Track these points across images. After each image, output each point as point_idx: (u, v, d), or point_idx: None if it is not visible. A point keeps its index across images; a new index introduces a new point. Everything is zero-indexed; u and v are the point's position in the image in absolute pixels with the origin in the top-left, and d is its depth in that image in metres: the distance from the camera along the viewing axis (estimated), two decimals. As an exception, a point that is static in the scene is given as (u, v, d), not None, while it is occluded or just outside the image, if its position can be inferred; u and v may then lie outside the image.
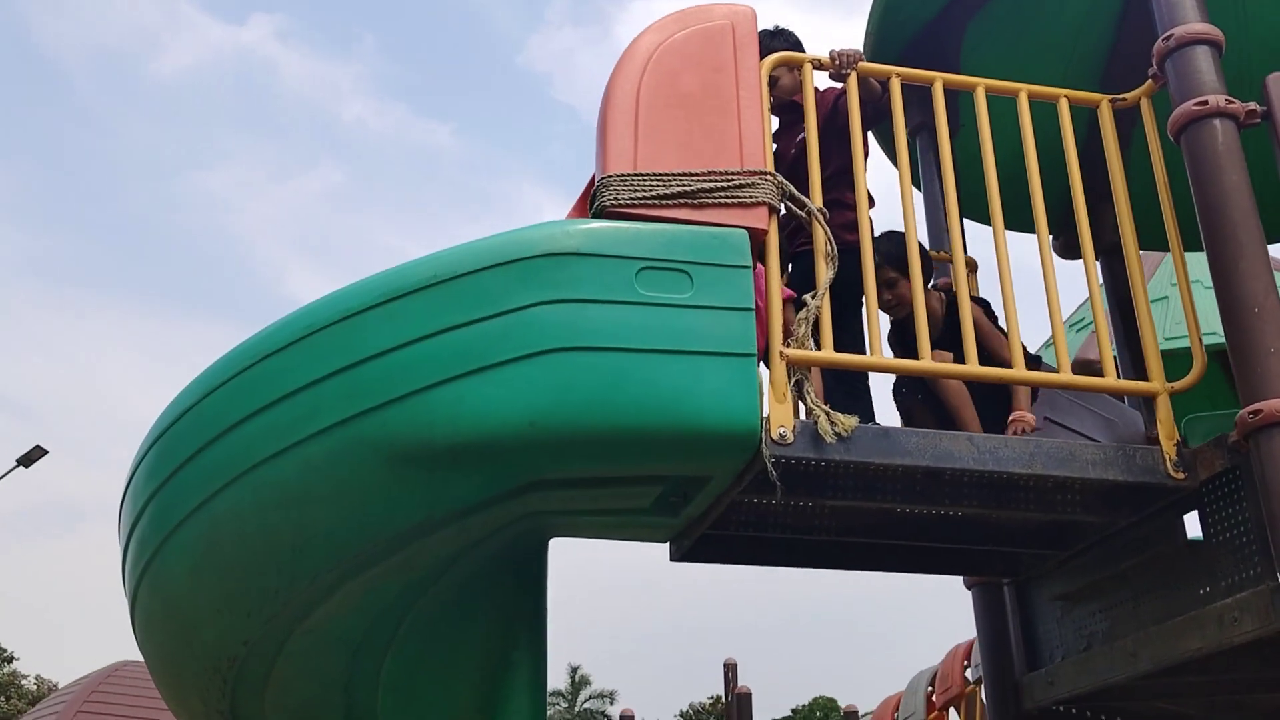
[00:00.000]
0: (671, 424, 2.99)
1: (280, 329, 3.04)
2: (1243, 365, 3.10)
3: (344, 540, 3.01)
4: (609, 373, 2.97)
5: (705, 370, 3.02)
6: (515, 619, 3.59)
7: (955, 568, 4.41)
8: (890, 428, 3.27)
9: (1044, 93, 3.76)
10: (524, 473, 3.05)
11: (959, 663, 10.09)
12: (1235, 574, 3.22)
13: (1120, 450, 3.34)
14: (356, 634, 3.30)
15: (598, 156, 3.29)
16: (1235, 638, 3.11)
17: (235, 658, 3.15)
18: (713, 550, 3.88)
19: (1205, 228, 3.28)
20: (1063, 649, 4.09)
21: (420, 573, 3.28)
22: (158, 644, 3.33)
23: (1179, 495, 3.39)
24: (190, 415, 3.09)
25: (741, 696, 13.87)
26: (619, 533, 3.84)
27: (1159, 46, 3.52)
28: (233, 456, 2.97)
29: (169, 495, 3.08)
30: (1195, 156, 3.34)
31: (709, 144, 3.28)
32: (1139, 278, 3.59)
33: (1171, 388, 3.41)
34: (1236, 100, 3.35)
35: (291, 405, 2.93)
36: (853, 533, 3.88)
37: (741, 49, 3.42)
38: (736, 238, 3.19)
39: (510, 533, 3.39)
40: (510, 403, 2.91)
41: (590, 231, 3.10)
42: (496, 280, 2.98)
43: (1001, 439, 3.30)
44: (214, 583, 3.08)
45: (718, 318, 3.08)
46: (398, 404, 2.88)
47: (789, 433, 3.09)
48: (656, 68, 3.33)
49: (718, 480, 3.27)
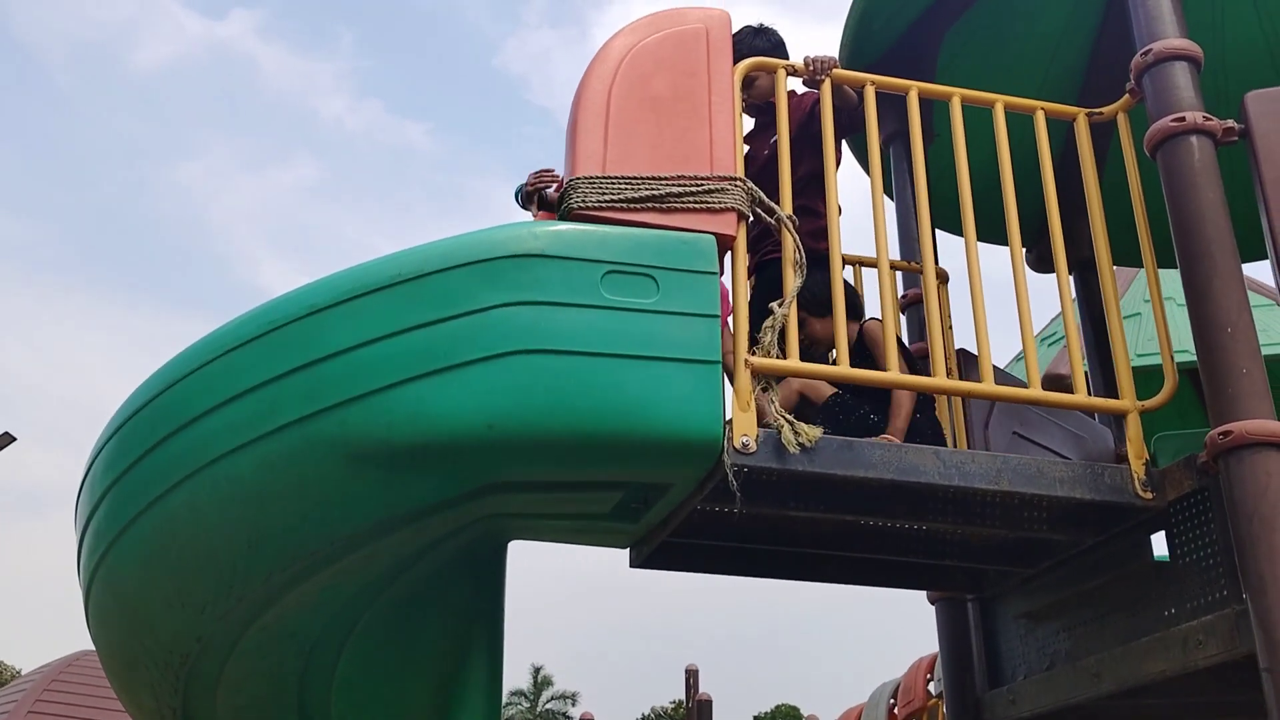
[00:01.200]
0: (633, 430, 2.95)
1: (243, 324, 2.99)
2: (1214, 385, 3.08)
3: (301, 538, 2.96)
4: (571, 377, 2.93)
5: (668, 376, 2.99)
6: (472, 621, 3.54)
7: (919, 582, 4.38)
8: (854, 440, 3.23)
9: (1020, 104, 3.74)
10: (482, 475, 3.01)
11: (922, 676, 10.07)
12: (1201, 596, 3.20)
13: (1088, 469, 3.31)
14: (311, 633, 3.25)
15: (566, 158, 3.25)
16: (1200, 661, 3.09)
17: (188, 654, 3.10)
18: (674, 558, 3.83)
19: (1180, 245, 3.26)
20: (1025, 667, 4.06)
21: (377, 573, 3.23)
22: (110, 638, 3.27)
23: (1147, 515, 3.37)
24: (150, 408, 3.04)
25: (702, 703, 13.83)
26: (578, 537, 3.80)
27: (1137, 61, 3.50)
28: (191, 451, 2.91)
29: (126, 488, 3.03)
30: (1171, 173, 3.32)
31: (679, 148, 3.25)
32: (1112, 295, 3.57)
33: (1142, 406, 3.39)
34: (1214, 118, 3.33)
35: (251, 401, 2.88)
36: (816, 544, 3.85)
37: (715, 53, 3.39)
38: (704, 243, 3.16)
39: (469, 534, 3.35)
40: (470, 404, 2.86)
41: (556, 234, 3.05)
42: (460, 280, 2.93)
43: (969, 454, 3.27)
44: (168, 577, 3.02)
45: (683, 324, 3.04)
46: (358, 403, 2.83)
47: (751, 441, 3.05)
48: (628, 70, 3.29)
49: (679, 488, 3.23)
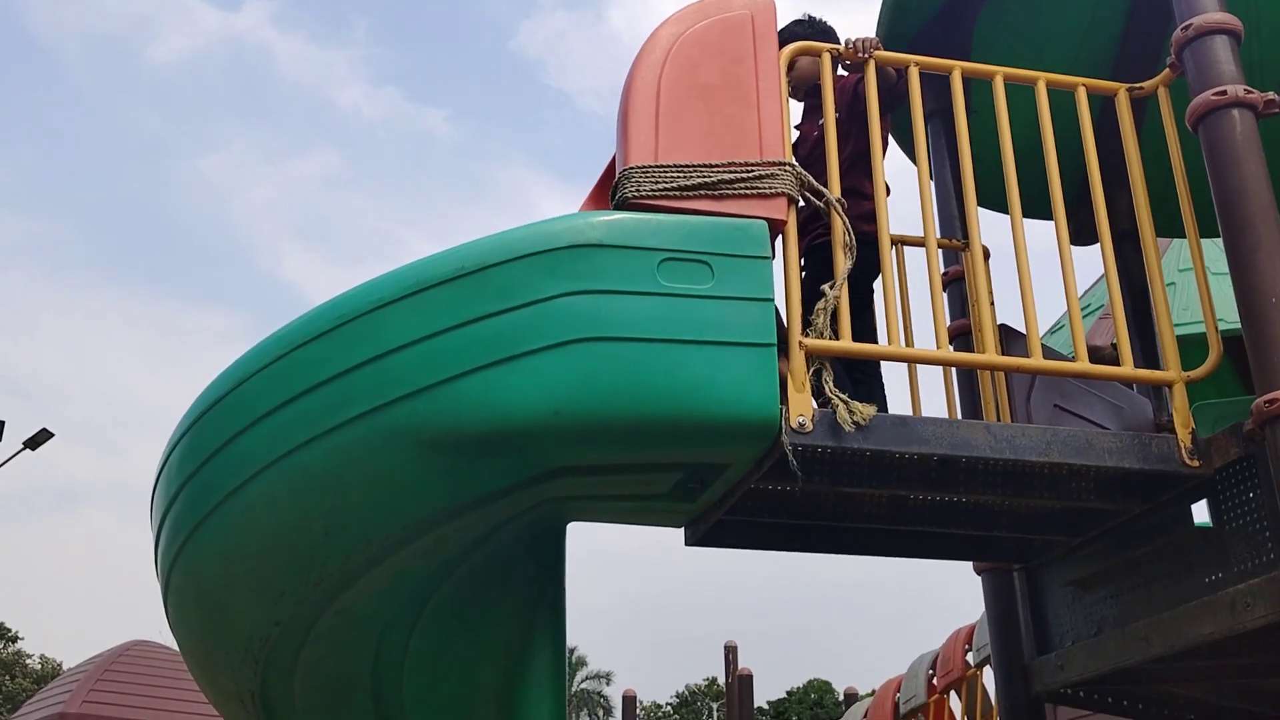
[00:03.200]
0: (692, 413, 3.03)
1: (311, 320, 3.08)
2: (1259, 355, 3.13)
3: (374, 524, 3.06)
4: (631, 363, 3.01)
5: (726, 360, 3.06)
6: (536, 601, 3.65)
7: (967, 553, 4.45)
8: (908, 417, 3.31)
9: (1062, 81, 3.78)
10: (548, 460, 3.10)
11: (960, 646, 10.14)
12: (1248, 560, 3.27)
13: (1136, 439, 3.38)
14: (383, 615, 3.36)
15: (619, 148, 3.31)
16: (1247, 623, 3.16)
17: (266, 638, 3.21)
18: (727, 535, 3.92)
19: (1223, 218, 3.31)
20: (1073, 634, 4.14)
21: (445, 556, 3.34)
22: (190, 626, 3.39)
23: (1193, 483, 3.44)
24: (223, 404, 3.14)
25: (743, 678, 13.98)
26: (636, 518, 3.89)
27: (1178, 36, 3.54)
28: (266, 443, 3.02)
29: (203, 481, 3.13)
30: (1213, 146, 3.37)
31: (729, 135, 3.31)
32: (1156, 267, 3.62)
33: (1188, 377, 3.44)
34: (1255, 90, 3.37)
35: (323, 394, 2.98)
36: (866, 518, 3.92)
37: (761, 39, 3.45)
38: (756, 228, 3.23)
39: (531, 517, 3.44)
40: (535, 392, 2.95)
41: (612, 223, 3.13)
42: (521, 272, 3.02)
43: (1020, 427, 3.34)
44: (247, 566, 3.14)
45: (738, 308, 3.12)
46: (426, 393, 2.93)
47: (808, 421, 3.13)
48: (677, 59, 3.35)
49: (736, 467, 3.31)
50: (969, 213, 3.63)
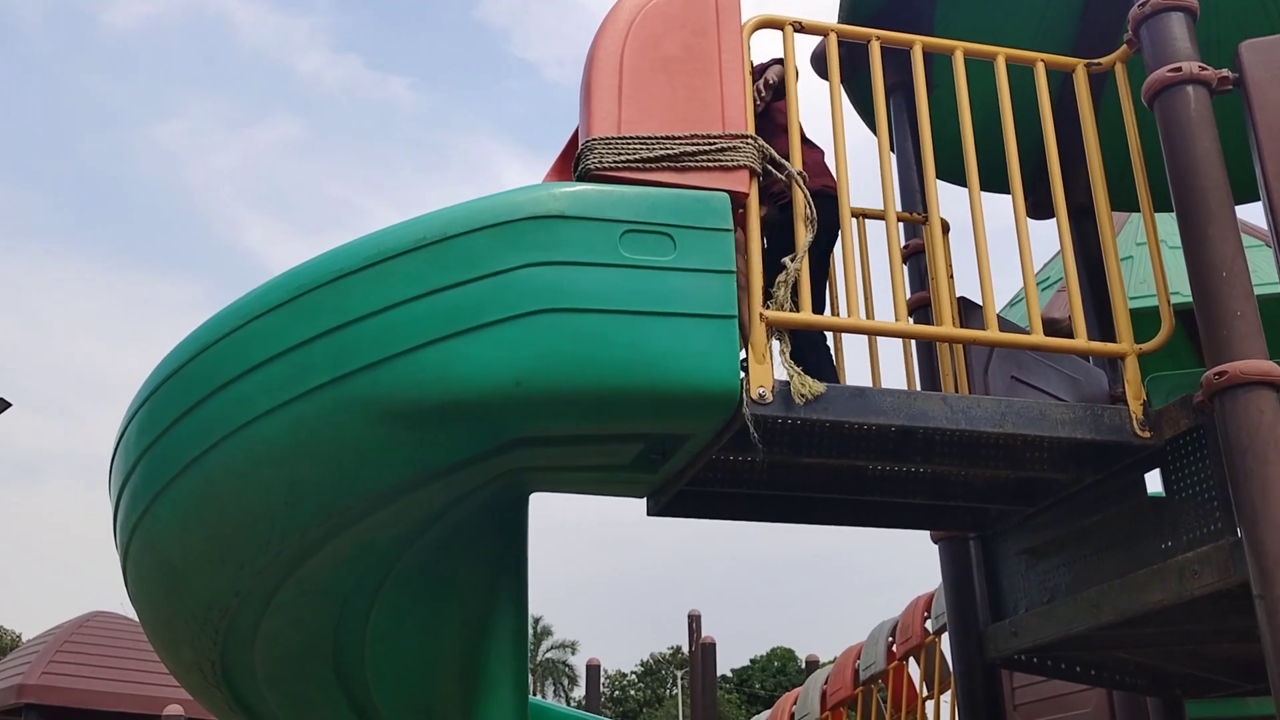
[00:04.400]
0: (654, 384, 3.05)
1: (271, 289, 3.07)
2: (1210, 327, 3.19)
3: (335, 495, 3.06)
4: (593, 333, 3.02)
5: (687, 331, 3.08)
6: (497, 571, 3.67)
7: (924, 522, 4.52)
8: (866, 388, 3.35)
9: (1021, 56, 3.82)
10: (510, 430, 3.11)
11: (919, 614, 10.28)
12: (1196, 529, 3.34)
13: (1089, 410, 3.44)
14: (344, 586, 3.37)
15: (581, 120, 3.32)
16: (1195, 590, 3.24)
17: (227, 609, 3.21)
18: (688, 505, 3.96)
19: (1176, 193, 3.36)
20: (1026, 601, 4.22)
21: (407, 526, 3.35)
22: (149, 596, 3.39)
23: (1145, 454, 3.50)
24: (183, 373, 3.13)
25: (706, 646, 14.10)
26: (599, 488, 3.92)
27: (1134, 13, 3.58)
28: (226, 413, 3.01)
29: (162, 451, 3.12)
30: (1168, 122, 3.41)
31: (691, 107, 3.32)
32: (1111, 242, 3.67)
33: (1140, 349, 3.50)
34: (1210, 67, 3.42)
35: (284, 364, 2.97)
36: (825, 488, 3.97)
37: (723, 12, 3.45)
38: (718, 201, 3.24)
39: (493, 488, 3.46)
40: (497, 362, 2.96)
41: (575, 194, 3.14)
42: (483, 242, 3.02)
43: (975, 399, 3.39)
44: (207, 536, 3.13)
45: (700, 280, 3.14)
46: (387, 363, 2.93)
47: (768, 393, 3.16)
48: (639, 31, 3.35)
49: (697, 438, 3.34)
50: (928, 187, 3.67)
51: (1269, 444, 3.03)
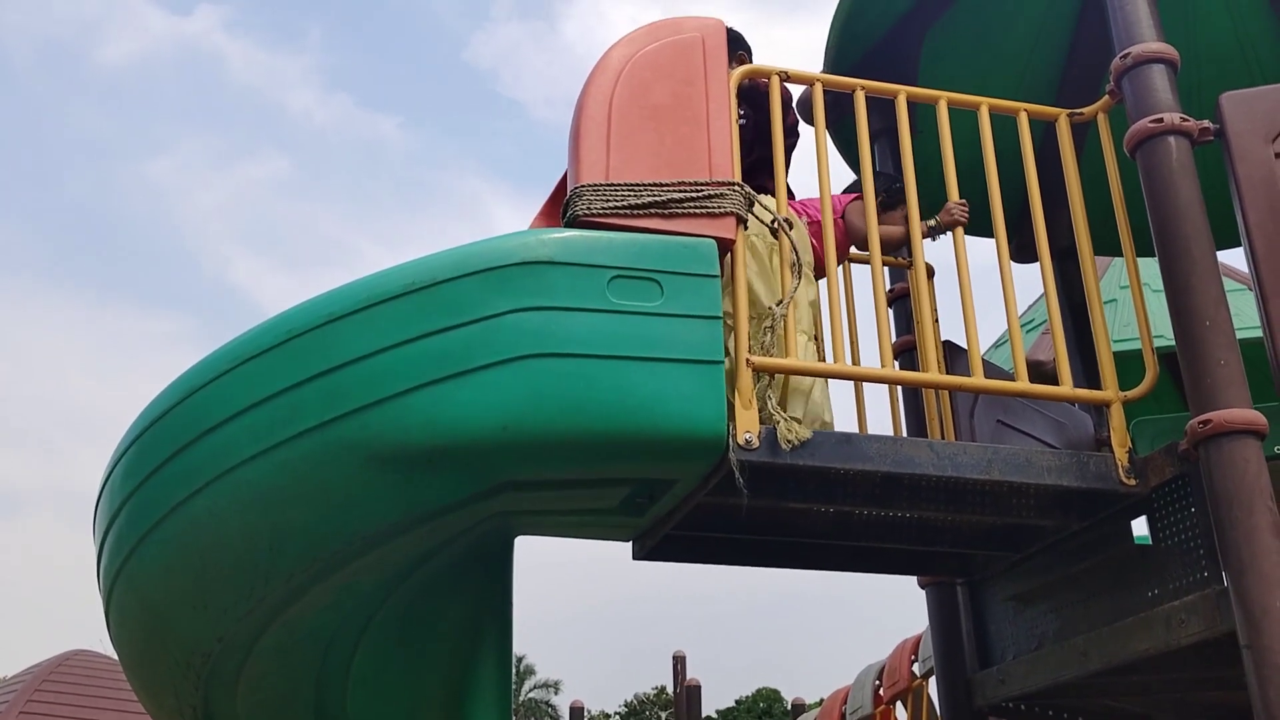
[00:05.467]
0: (641, 429, 3.06)
1: (261, 333, 3.07)
2: (1194, 376, 3.21)
3: (321, 540, 3.05)
4: (581, 379, 3.03)
5: (674, 377, 3.09)
6: (482, 614, 3.65)
7: (911, 568, 4.52)
8: (852, 434, 3.36)
9: (1004, 106, 3.86)
10: (497, 474, 3.11)
11: (906, 657, 10.24)
12: (1183, 577, 3.34)
13: (1074, 458, 3.45)
14: (328, 630, 3.35)
15: (570, 166, 3.34)
16: (1182, 639, 3.24)
17: (209, 653, 3.18)
18: (675, 549, 3.95)
19: (1159, 242, 3.39)
20: (1014, 648, 4.21)
21: (393, 571, 3.33)
22: (132, 640, 3.36)
23: (1130, 501, 3.51)
24: (170, 416, 3.12)
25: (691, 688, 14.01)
26: (584, 532, 3.91)
27: (1116, 64, 3.63)
28: (212, 457, 3.00)
29: (147, 494, 3.11)
30: (1150, 172, 3.45)
31: (679, 154, 3.35)
32: (1095, 290, 3.70)
33: (1125, 397, 3.52)
34: (1191, 119, 3.46)
35: (272, 408, 2.97)
36: (811, 533, 3.97)
37: (711, 61, 3.49)
38: (705, 247, 3.26)
39: (479, 531, 3.45)
40: (485, 407, 2.97)
41: (563, 240, 3.16)
42: (472, 287, 3.03)
43: (961, 446, 3.40)
44: (190, 580, 3.11)
45: (687, 325, 3.15)
46: (376, 407, 2.93)
47: (754, 438, 3.17)
48: (629, 80, 3.38)
49: (684, 483, 3.34)
50: (913, 232, 3.69)
51: (1254, 493, 3.04)
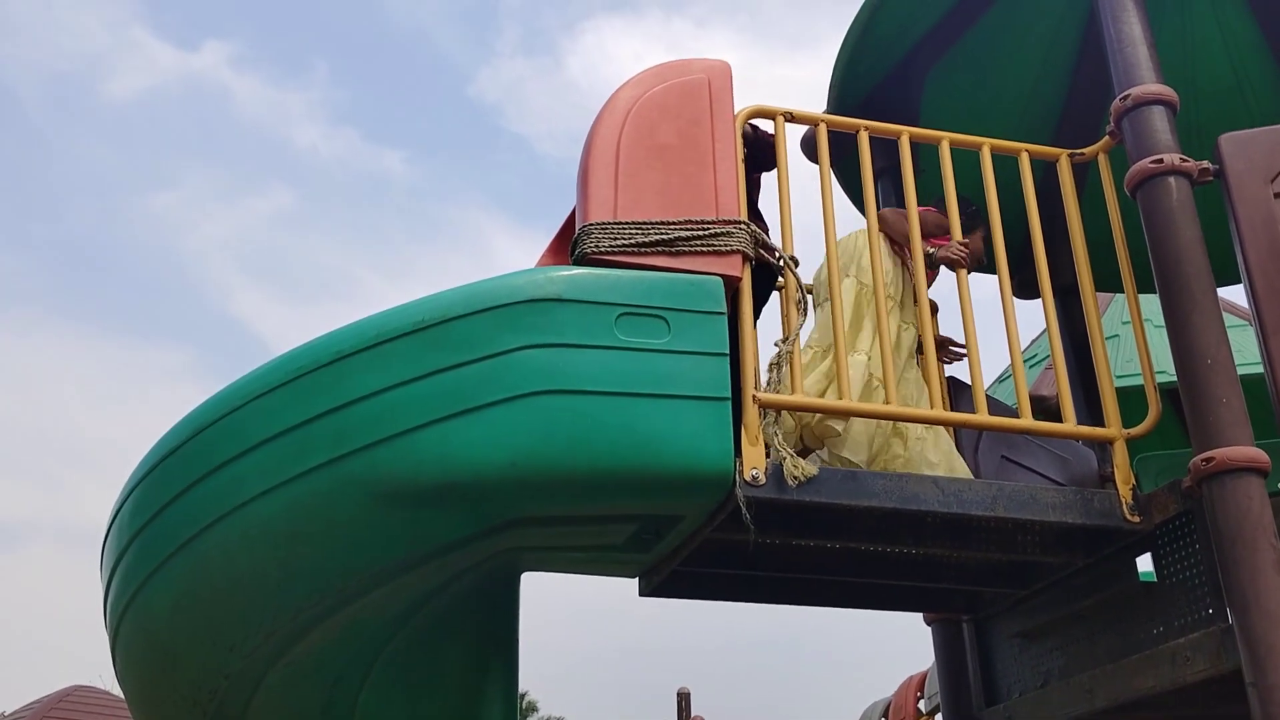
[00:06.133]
0: (648, 465, 3.07)
1: (270, 370, 3.09)
2: (1196, 414, 3.23)
3: (329, 577, 3.06)
4: (589, 415, 3.05)
5: (681, 413, 3.11)
6: (488, 651, 3.66)
7: (916, 604, 4.52)
8: (858, 471, 3.37)
9: (1005, 147, 3.91)
10: (505, 511, 3.13)
11: (912, 694, 10.19)
12: (1188, 615, 3.35)
13: (1078, 494, 3.47)
14: (336, 666, 3.35)
15: (579, 205, 3.38)
16: (1188, 677, 3.23)
17: (216, 690, 3.18)
18: (681, 585, 3.96)
19: (1160, 281, 3.42)
20: (1020, 685, 4.20)
21: (399, 607, 3.34)
22: (139, 676, 3.36)
23: (1135, 538, 3.53)
24: (179, 453, 3.13)
25: (695, 725, 13.86)
26: (590, 567, 3.92)
27: (1116, 105, 3.67)
28: (221, 494, 3.02)
29: (155, 531, 3.12)
30: (1151, 212, 3.48)
31: (686, 193, 3.39)
32: (1097, 328, 3.73)
33: (1128, 434, 3.54)
34: (1191, 159, 3.50)
35: (281, 444, 2.99)
36: (817, 569, 3.98)
37: (717, 102, 3.54)
38: (712, 285, 3.30)
39: (486, 567, 3.46)
40: (493, 444, 2.99)
41: (571, 278, 3.19)
42: (481, 325, 3.06)
43: (966, 482, 3.41)
44: (198, 617, 3.12)
45: (693, 362, 3.18)
46: (385, 444, 2.95)
47: (761, 474, 3.18)
48: (636, 120, 3.43)
49: (691, 519, 3.36)
50: (917, 271, 3.72)
51: (1258, 530, 3.05)
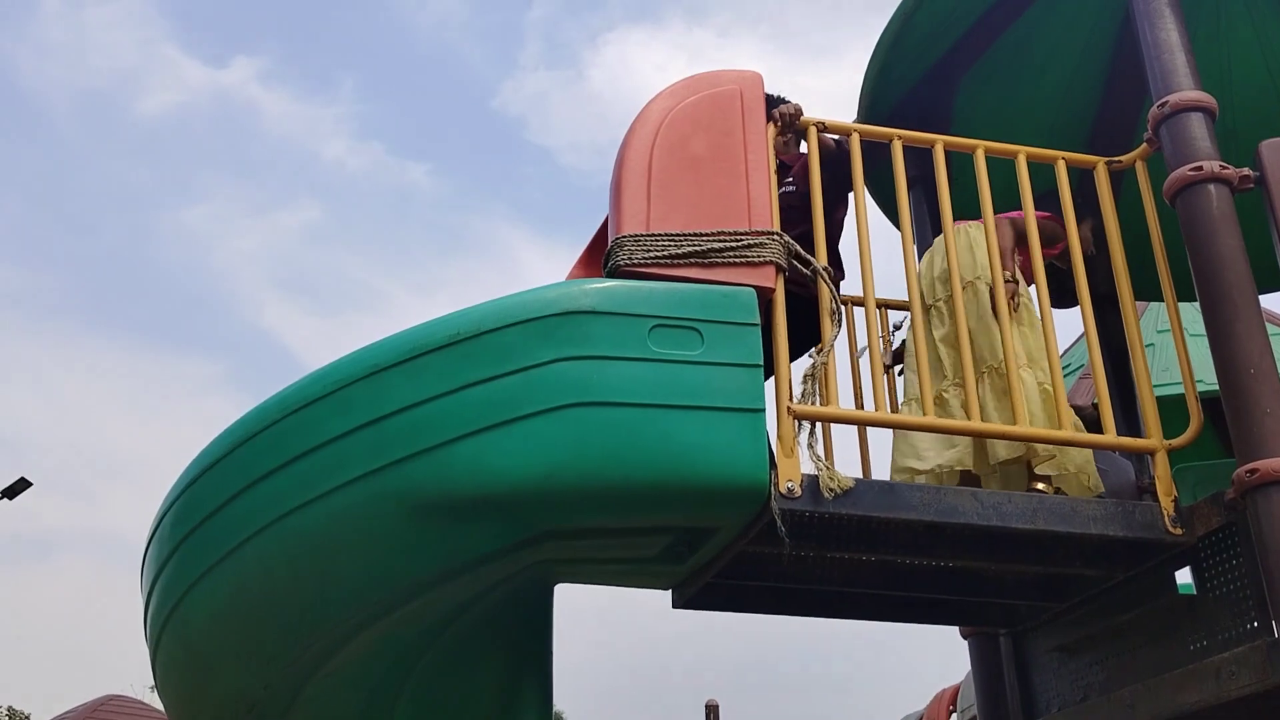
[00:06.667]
0: (683, 477, 3.07)
1: (308, 384, 3.11)
2: (1240, 425, 3.19)
3: (367, 588, 3.07)
4: (623, 427, 3.05)
5: (715, 425, 3.10)
6: (522, 662, 3.65)
7: (953, 618, 4.48)
8: (895, 483, 3.35)
9: (1041, 155, 3.88)
10: (540, 523, 3.12)
11: (945, 708, 10.11)
12: (1232, 629, 3.30)
13: (1119, 507, 3.42)
14: (372, 678, 3.36)
15: (611, 217, 3.38)
16: (1232, 691, 3.18)
17: (255, 702, 3.20)
18: (714, 598, 3.94)
19: (1201, 290, 3.38)
20: (1059, 700, 4.15)
21: (435, 619, 3.34)
22: (178, 688, 3.38)
23: (1176, 550, 3.48)
24: (219, 466, 3.16)
25: (727, 738, 13.80)
26: (624, 580, 3.91)
27: (1154, 112, 3.63)
28: (261, 507, 3.03)
29: (196, 543, 3.14)
30: (1190, 221, 3.45)
31: (718, 205, 3.38)
32: (1136, 336, 3.68)
33: (1169, 445, 3.49)
34: (1230, 166, 3.46)
35: (319, 457, 3.00)
36: (853, 583, 3.95)
37: (749, 113, 3.53)
38: (745, 296, 3.28)
39: (520, 579, 3.45)
40: (528, 456, 2.99)
41: (605, 290, 3.19)
42: (516, 338, 3.06)
43: (1005, 495, 3.38)
44: (238, 629, 3.13)
45: (727, 374, 3.16)
46: (421, 457, 2.95)
47: (796, 486, 3.17)
48: (668, 132, 3.43)
49: (725, 531, 3.34)
50: (954, 280, 3.69)
51: (1303, 542, 3.00)
